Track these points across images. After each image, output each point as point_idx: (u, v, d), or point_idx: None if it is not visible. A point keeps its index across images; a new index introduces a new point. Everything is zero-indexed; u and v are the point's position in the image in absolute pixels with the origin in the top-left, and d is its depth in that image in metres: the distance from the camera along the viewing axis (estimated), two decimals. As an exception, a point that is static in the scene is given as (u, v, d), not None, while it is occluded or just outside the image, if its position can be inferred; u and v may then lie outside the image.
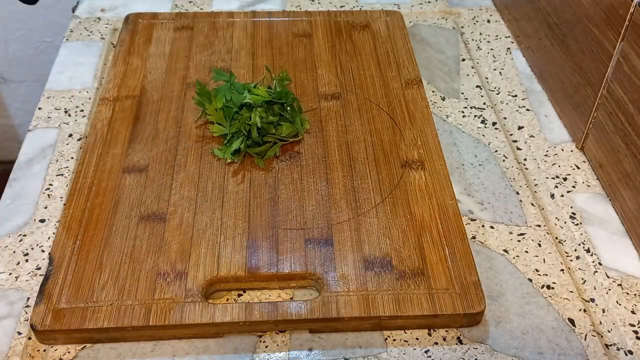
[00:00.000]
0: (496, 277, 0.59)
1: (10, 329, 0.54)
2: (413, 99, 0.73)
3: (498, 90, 0.80)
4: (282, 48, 0.80)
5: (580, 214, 0.65)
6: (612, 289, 0.58)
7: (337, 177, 0.64)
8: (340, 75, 0.77)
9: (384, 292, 0.54)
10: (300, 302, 0.54)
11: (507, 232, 0.63)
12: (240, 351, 0.53)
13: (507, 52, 0.85)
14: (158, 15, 0.85)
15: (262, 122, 0.65)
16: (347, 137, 0.68)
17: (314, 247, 0.58)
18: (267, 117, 0.66)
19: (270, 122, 0.66)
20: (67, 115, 0.74)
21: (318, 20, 0.85)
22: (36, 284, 0.57)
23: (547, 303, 0.57)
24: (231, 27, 0.83)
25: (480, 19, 0.91)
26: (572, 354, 0.53)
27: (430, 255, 0.57)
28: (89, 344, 0.53)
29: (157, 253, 0.57)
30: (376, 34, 0.83)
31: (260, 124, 0.65)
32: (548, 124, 0.75)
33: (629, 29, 0.61)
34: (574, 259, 0.61)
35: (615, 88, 0.64)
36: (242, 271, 0.56)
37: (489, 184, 0.68)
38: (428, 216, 0.61)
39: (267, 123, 0.65)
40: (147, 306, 0.53)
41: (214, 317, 0.52)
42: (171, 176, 0.64)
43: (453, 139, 0.73)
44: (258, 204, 0.61)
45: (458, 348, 0.54)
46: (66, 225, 0.59)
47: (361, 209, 0.61)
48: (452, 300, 0.54)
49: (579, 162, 0.70)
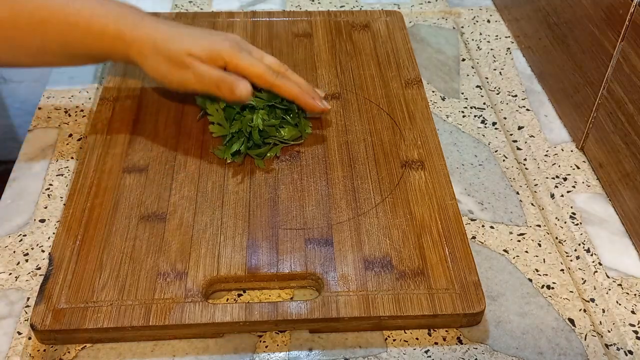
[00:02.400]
0: (496, 277, 0.59)
1: (10, 329, 0.54)
2: (413, 99, 0.73)
3: (498, 90, 0.80)
4: (282, 48, 0.80)
5: (580, 214, 0.65)
6: (612, 289, 0.58)
7: (337, 177, 0.64)
8: (340, 75, 0.77)
9: (384, 292, 0.54)
10: (300, 302, 0.54)
11: (507, 232, 0.63)
12: (240, 351, 0.53)
13: (507, 52, 0.85)
14: (158, 15, 0.85)
15: (264, 125, 0.65)
16: (347, 137, 0.68)
17: (314, 247, 0.58)
18: (269, 120, 0.65)
19: (272, 125, 0.66)
20: (67, 115, 0.74)
21: (318, 20, 0.85)
22: (36, 284, 0.57)
23: (547, 303, 0.57)
24: (231, 27, 0.83)
25: (480, 19, 0.91)
26: (572, 354, 0.53)
27: (430, 255, 0.57)
28: (89, 344, 0.53)
29: (157, 253, 0.57)
30: (376, 34, 0.83)
31: (262, 126, 0.64)
32: (548, 124, 0.75)
33: (629, 29, 0.61)
34: (574, 259, 0.61)
35: (615, 88, 0.64)
36: (242, 271, 0.56)
37: (489, 184, 0.68)
38: (428, 216, 0.61)
39: (269, 126, 0.65)
40: (147, 306, 0.53)
41: (214, 317, 0.52)
42: (171, 176, 0.64)
43: (453, 139, 0.73)
44: (258, 204, 0.61)
45: (458, 348, 0.54)
46: (66, 225, 0.59)
47: (361, 209, 0.61)
48: (452, 300, 0.54)
49: (579, 162, 0.70)
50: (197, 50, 0.63)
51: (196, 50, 0.63)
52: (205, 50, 0.63)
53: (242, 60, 0.64)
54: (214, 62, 0.63)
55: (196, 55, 0.63)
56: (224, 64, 0.64)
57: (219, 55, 0.63)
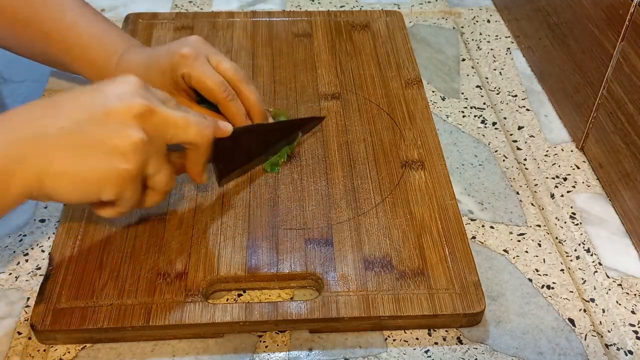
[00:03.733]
0: (496, 277, 0.59)
1: (10, 329, 0.54)
2: (413, 99, 0.73)
3: (498, 90, 0.80)
4: (282, 48, 0.80)
5: (580, 214, 0.65)
6: (612, 289, 0.58)
7: (337, 177, 0.64)
8: (340, 75, 0.77)
9: (384, 292, 0.54)
10: (300, 302, 0.54)
11: (507, 232, 0.63)
12: (240, 351, 0.53)
13: (507, 52, 0.85)
14: (158, 15, 0.85)
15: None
16: (347, 137, 0.68)
17: (314, 247, 0.58)
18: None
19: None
20: (67, 115, 0.74)
21: (318, 20, 0.85)
22: (36, 284, 0.57)
23: (547, 303, 0.57)
24: (231, 27, 0.83)
25: (480, 19, 0.91)
26: (572, 354, 0.53)
27: (430, 255, 0.57)
28: (89, 344, 0.53)
29: (157, 253, 0.57)
30: (376, 34, 0.83)
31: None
32: (548, 124, 0.75)
33: (629, 29, 0.61)
34: (574, 259, 0.61)
35: (615, 88, 0.64)
36: (242, 271, 0.56)
37: (489, 184, 0.68)
38: (428, 216, 0.61)
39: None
40: (147, 306, 0.53)
41: (214, 317, 0.52)
42: (171, 176, 0.64)
43: (453, 139, 0.73)
44: (258, 204, 0.61)
45: (458, 348, 0.54)
46: (66, 225, 0.59)
47: (361, 209, 0.61)
48: (452, 300, 0.54)
49: (579, 162, 0.70)
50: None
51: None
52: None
53: (195, 70, 0.60)
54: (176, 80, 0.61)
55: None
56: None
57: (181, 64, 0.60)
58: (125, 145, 0.47)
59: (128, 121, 0.48)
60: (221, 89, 0.60)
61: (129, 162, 0.47)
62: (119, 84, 0.49)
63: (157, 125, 0.49)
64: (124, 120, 0.47)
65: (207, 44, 0.63)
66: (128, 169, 0.48)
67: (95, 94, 0.49)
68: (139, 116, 0.48)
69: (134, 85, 0.49)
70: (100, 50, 0.65)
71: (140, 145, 0.48)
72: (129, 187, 0.49)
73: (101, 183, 0.48)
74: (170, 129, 0.50)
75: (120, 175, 0.48)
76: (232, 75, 0.62)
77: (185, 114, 0.51)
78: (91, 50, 0.65)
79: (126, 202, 0.50)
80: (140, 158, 0.48)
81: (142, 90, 0.50)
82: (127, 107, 0.48)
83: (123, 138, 0.47)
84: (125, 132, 0.47)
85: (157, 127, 0.49)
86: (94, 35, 0.65)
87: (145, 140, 0.48)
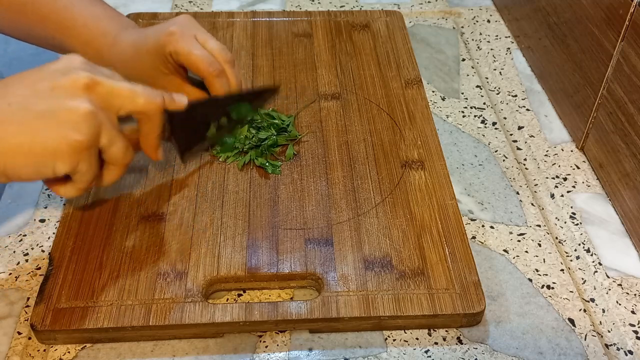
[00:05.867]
0: (496, 277, 0.59)
1: (10, 329, 0.54)
2: (413, 99, 0.73)
3: (498, 90, 0.80)
4: (282, 48, 0.80)
5: (580, 214, 0.65)
6: (612, 289, 0.58)
7: (337, 177, 0.64)
8: (340, 75, 0.77)
9: (384, 292, 0.54)
10: (300, 302, 0.54)
11: (507, 232, 0.63)
12: (240, 351, 0.53)
13: (507, 52, 0.85)
14: (158, 15, 0.85)
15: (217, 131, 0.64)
16: (347, 137, 0.68)
17: (314, 247, 0.58)
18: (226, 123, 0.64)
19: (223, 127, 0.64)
20: (67, 115, 0.74)
21: (318, 20, 0.85)
22: (36, 284, 0.57)
23: (547, 303, 0.57)
24: (231, 27, 0.83)
25: (480, 19, 0.91)
26: (572, 354, 0.53)
27: (430, 255, 0.57)
28: (89, 344, 0.53)
29: (157, 253, 0.57)
30: (376, 34, 0.83)
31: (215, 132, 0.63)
32: (548, 124, 0.75)
33: (629, 29, 0.61)
34: (574, 259, 0.61)
35: (615, 88, 0.64)
36: (242, 271, 0.56)
37: (489, 184, 0.68)
38: (428, 216, 0.61)
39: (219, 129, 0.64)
40: (147, 306, 0.53)
41: (214, 317, 0.52)
42: (171, 176, 0.64)
43: (453, 139, 0.73)
44: (258, 204, 0.61)
45: (458, 348, 0.54)
46: (66, 225, 0.59)
47: (361, 209, 0.61)
48: (452, 300, 0.54)
49: (579, 162, 0.70)
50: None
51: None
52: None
53: (182, 46, 0.61)
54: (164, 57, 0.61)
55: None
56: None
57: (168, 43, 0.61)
58: (74, 117, 0.48)
59: (75, 93, 0.49)
60: (207, 63, 0.61)
61: (80, 132, 0.49)
62: (63, 61, 0.52)
63: (103, 95, 0.51)
64: (71, 93, 0.49)
65: (195, 23, 0.64)
66: (79, 139, 0.49)
67: (41, 71, 0.51)
68: (85, 87, 0.50)
69: (77, 62, 0.51)
70: (97, 32, 0.65)
71: (90, 115, 0.49)
72: (83, 158, 0.50)
73: (55, 155, 0.49)
74: (117, 99, 0.52)
75: (72, 146, 0.49)
76: (217, 54, 0.62)
77: (132, 85, 0.53)
78: (87, 31, 0.65)
79: (82, 176, 0.51)
80: (91, 128, 0.49)
81: (86, 65, 0.51)
82: (72, 80, 0.49)
83: (72, 109, 0.49)
84: (73, 103, 0.49)
85: (104, 97, 0.51)
86: (90, 16, 0.65)
87: (93, 111, 0.49)
